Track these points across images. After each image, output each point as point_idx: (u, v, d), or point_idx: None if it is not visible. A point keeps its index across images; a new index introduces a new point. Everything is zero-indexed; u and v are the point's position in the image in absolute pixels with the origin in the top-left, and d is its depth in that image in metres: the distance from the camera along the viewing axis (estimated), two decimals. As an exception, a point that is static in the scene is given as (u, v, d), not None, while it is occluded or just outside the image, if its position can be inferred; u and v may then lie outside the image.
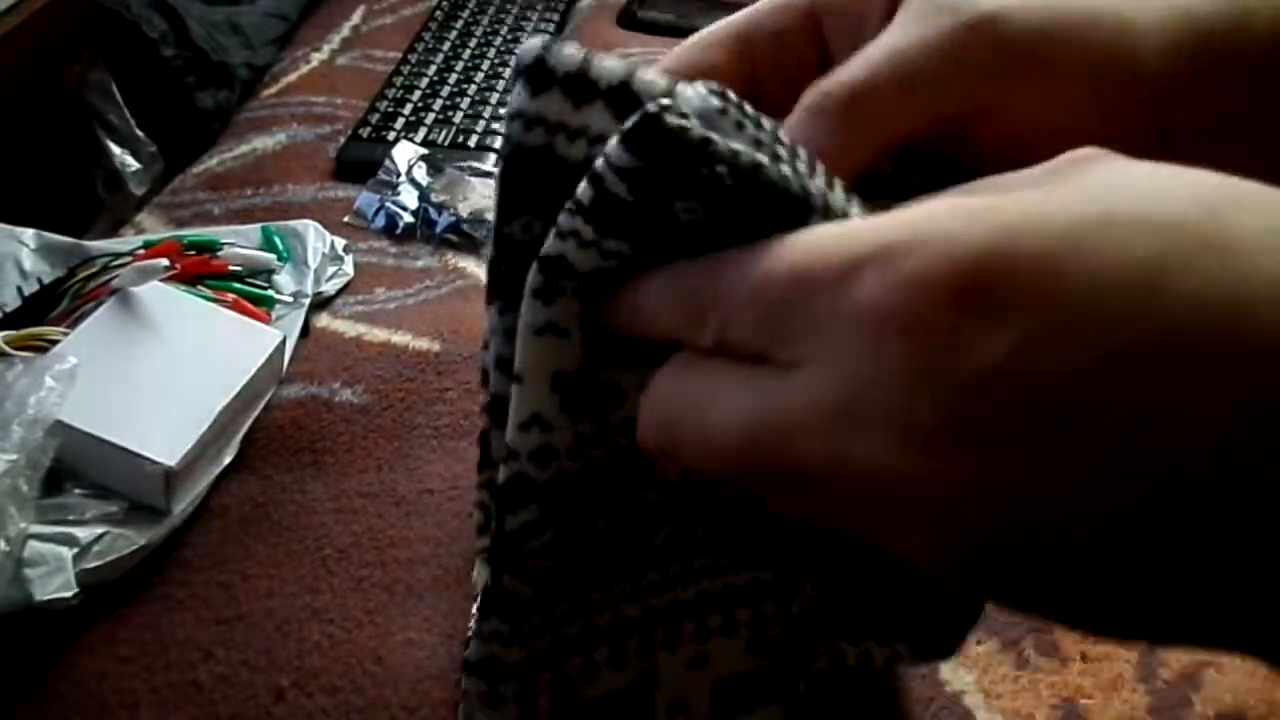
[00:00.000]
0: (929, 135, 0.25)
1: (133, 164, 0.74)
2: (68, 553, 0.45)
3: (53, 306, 0.56)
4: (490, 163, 0.74)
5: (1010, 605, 0.22)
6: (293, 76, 0.83)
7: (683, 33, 0.91)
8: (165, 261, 0.55)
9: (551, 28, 0.90)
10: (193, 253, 0.60)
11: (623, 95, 0.24)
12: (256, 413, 0.53)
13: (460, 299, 0.63)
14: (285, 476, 0.52)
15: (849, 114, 0.24)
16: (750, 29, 0.28)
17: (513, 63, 0.30)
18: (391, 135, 0.76)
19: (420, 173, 0.71)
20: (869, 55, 0.25)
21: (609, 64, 0.25)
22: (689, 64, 0.29)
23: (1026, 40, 0.24)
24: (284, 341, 0.55)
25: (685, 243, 0.23)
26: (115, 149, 0.73)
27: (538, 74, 0.25)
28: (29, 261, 0.59)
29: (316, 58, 0.86)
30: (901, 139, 0.25)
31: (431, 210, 0.69)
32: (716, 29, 0.29)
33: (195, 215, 0.69)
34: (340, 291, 0.63)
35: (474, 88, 0.81)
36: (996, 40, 0.24)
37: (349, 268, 0.64)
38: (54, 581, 0.44)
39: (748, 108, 0.24)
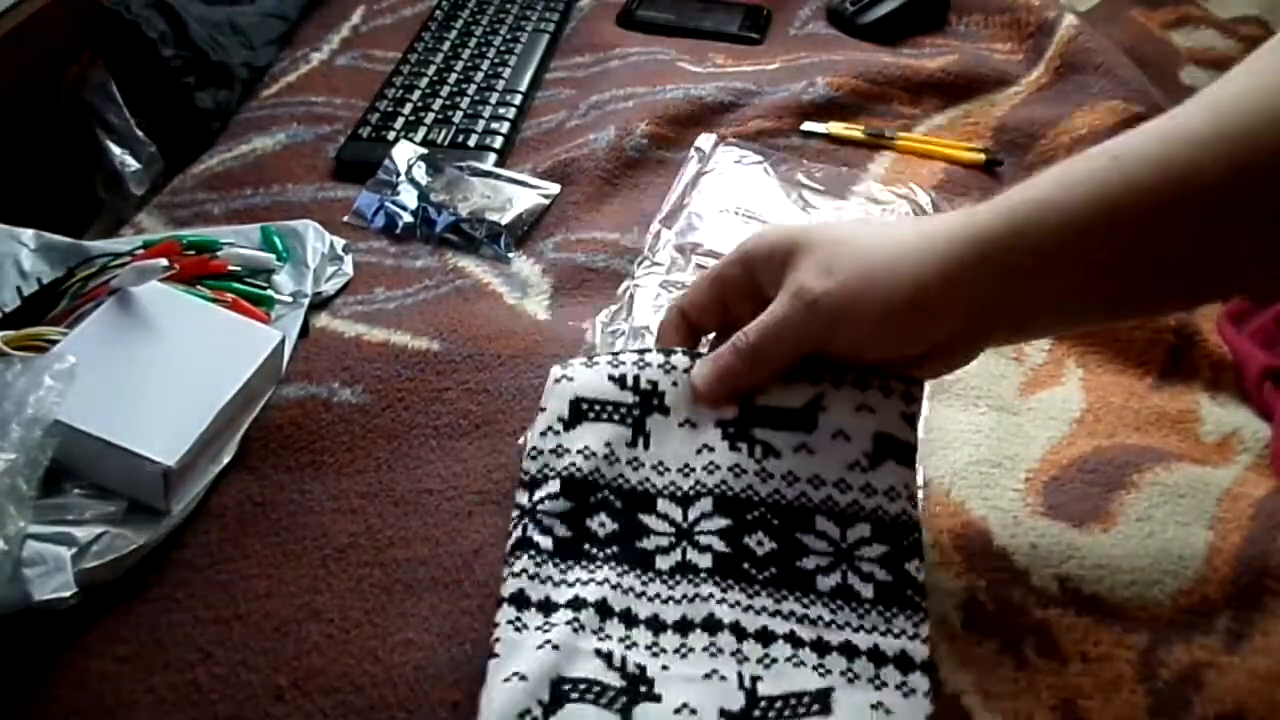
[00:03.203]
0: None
1: (133, 164, 0.74)
2: (66, 552, 0.45)
3: (52, 306, 0.56)
4: (490, 162, 0.74)
5: None
6: (292, 76, 0.83)
7: (682, 33, 0.91)
8: (164, 261, 0.55)
9: (551, 27, 0.90)
10: (192, 253, 0.60)
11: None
12: (255, 412, 0.53)
13: (459, 299, 0.63)
14: (284, 476, 0.52)
15: (752, 356, 0.44)
16: (717, 275, 0.47)
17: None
18: (391, 135, 0.76)
19: (420, 172, 0.71)
20: (763, 321, 0.43)
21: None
22: (689, 299, 0.48)
23: (839, 309, 0.41)
24: (283, 341, 0.55)
25: None
26: (115, 149, 0.73)
27: None
28: (29, 261, 0.60)
29: (316, 58, 0.86)
30: (783, 368, 0.44)
31: (431, 210, 0.69)
32: (703, 276, 0.48)
33: (195, 215, 0.69)
34: (339, 291, 0.63)
35: (474, 88, 0.81)
36: (823, 314, 0.42)
37: (348, 268, 0.64)
38: (53, 581, 0.44)
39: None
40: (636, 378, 0.47)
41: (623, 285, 0.64)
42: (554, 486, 0.46)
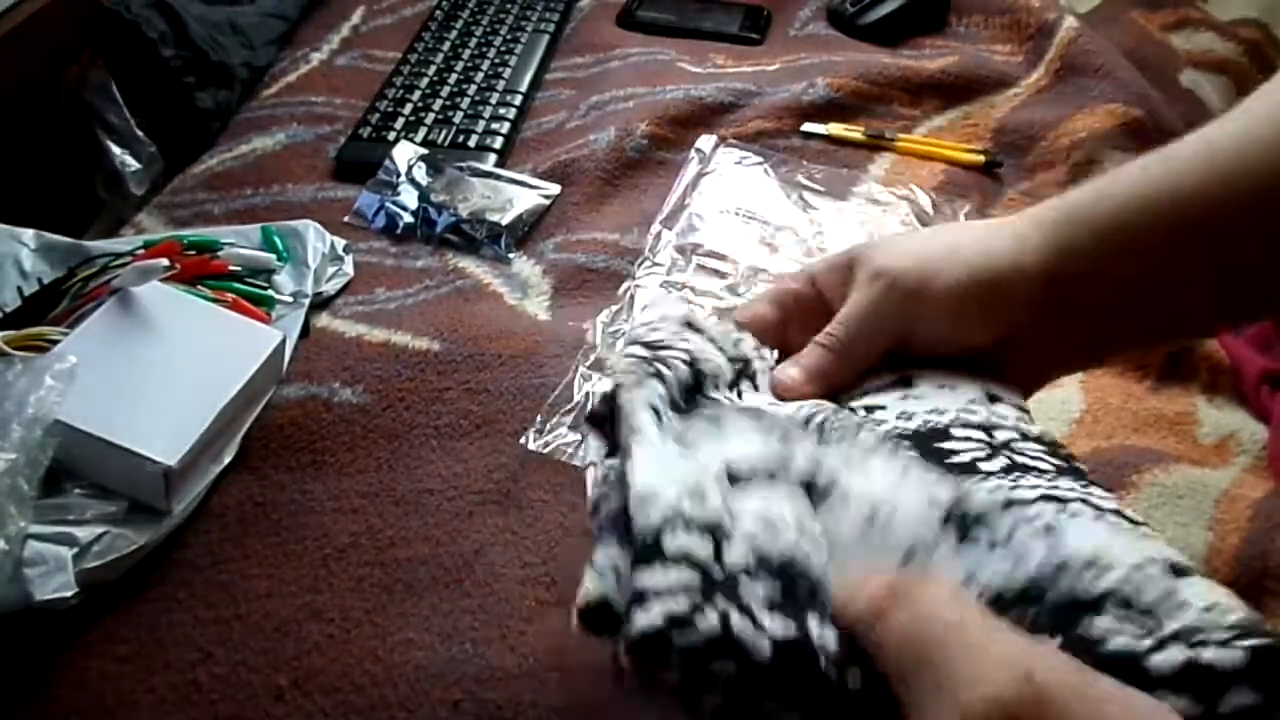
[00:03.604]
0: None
1: (133, 164, 0.74)
2: (67, 552, 0.45)
3: (53, 306, 0.56)
4: (490, 162, 0.74)
5: None
6: (293, 76, 0.83)
7: (682, 33, 0.91)
8: (165, 261, 0.55)
9: (551, 28, 0.90)
10: (193, 253, 0.60)
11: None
12: (256, 412, 0.53)
13: (460, 299, 0.63)
14: (285, 476, 0.52)
15: (842, 349, 0.42)
16: (781, 292, 0.45)
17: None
18: (391, 135, 0.76)
19: (420, 173, 0.71)
20: (845, 313, 0.42)
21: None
22: (749, 314, 0.45)
23: (917, 285, 0.41)
24: (283, 341, 0.55)
25: None
26: (115, 149, 0.73)
27: None
28: (29, 261, 0.59)
29: (316, 58, 0.86)
30: (872, 360, 0.43)
31: (431, 210, 0.69)
32: (763, 294, 0.46)
33: (195, 215, 0.69)
34: (340, 291, 0.63)
35: (474, 88, 0.81)
36: (902, 291, 0.41)
37: (349, 268, 0.65)
38: (54, 581, 0.44)
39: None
40: (736, 342, 0.42)
41: (623, 286, 0.64)
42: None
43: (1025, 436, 0.38)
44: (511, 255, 0.67)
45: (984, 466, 0.35)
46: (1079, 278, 0.41)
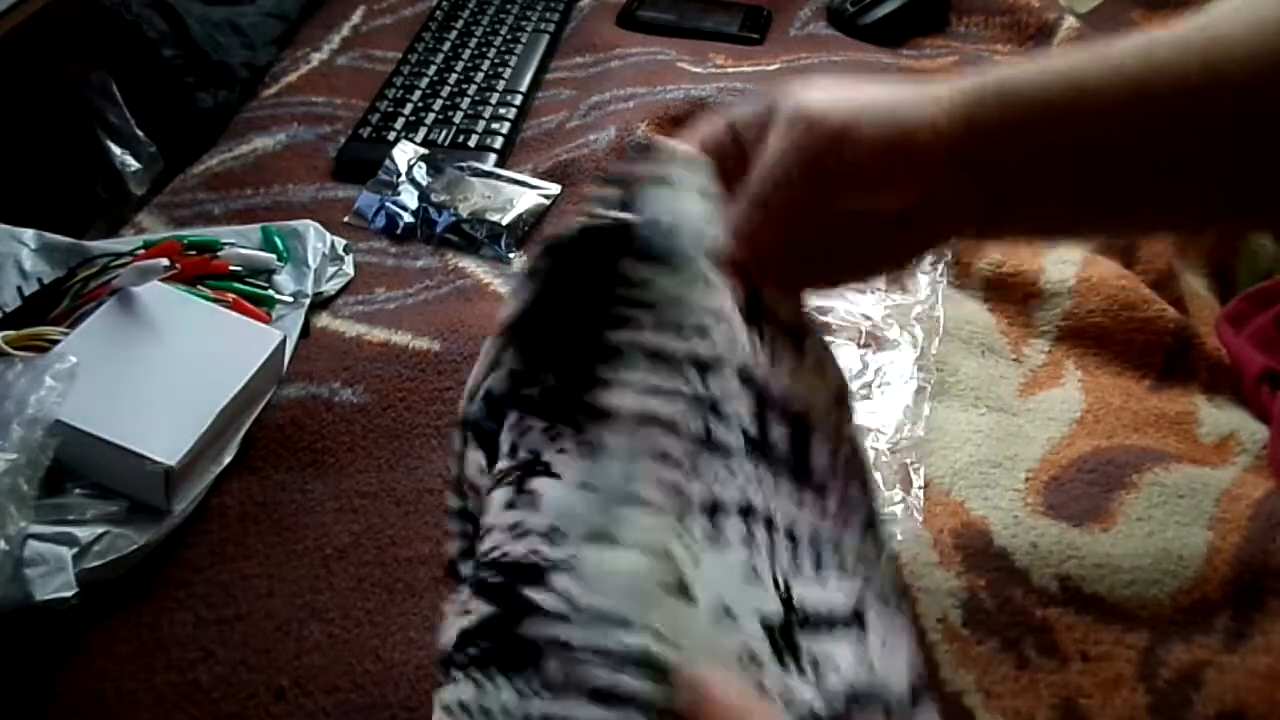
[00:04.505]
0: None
1: (133, 164, 0.73)
2: (68, 552, 0.45)
3: (53, 306, 0.56)
4: (491, 162, 0.74)
5: None
6: (293, 76, 0.83)
7: (682, 33, 0.91)
8: (165, 261, 0.55)
9: (551, 28, 0.90)
10: (193, 253, 0.60)
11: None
12: (256, 412, 0.53)
13: (460, 299, 0.63)
14: (285, 476, 0.52)
15: (760, 200, 0.40)
16: (707, 137, 0.42)
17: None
18: (391, 135, 0.76)
19: (420, 173, 0.72)
20: (763, 163, 0.40)
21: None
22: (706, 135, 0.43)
23: (839, 126, 0.39)
24: (284, 341, 0.55)
25: None
26: (115, 149, 0.73)
27: None
28: (29, 261, 0.59)
29: (316, 58, 0.86)
30: (792, 212, 0.40)
31: (431, 210, 0.69)
32: (690, 134, 0.43)
33: (195, 215, 0.69)
34: (340, 291, 0.63)
35: (474, 88, 0.81)
36: (824, 132, 0.39)
37: (349, 268, 0.65)
38: (54, 581, 0.44)
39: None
40: None
41: (623, 285, 0.64)
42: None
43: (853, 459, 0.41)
44: (512, 255, 0.67)
45: (830, 489, 0.38)
46: (982, 137, 0.40)
